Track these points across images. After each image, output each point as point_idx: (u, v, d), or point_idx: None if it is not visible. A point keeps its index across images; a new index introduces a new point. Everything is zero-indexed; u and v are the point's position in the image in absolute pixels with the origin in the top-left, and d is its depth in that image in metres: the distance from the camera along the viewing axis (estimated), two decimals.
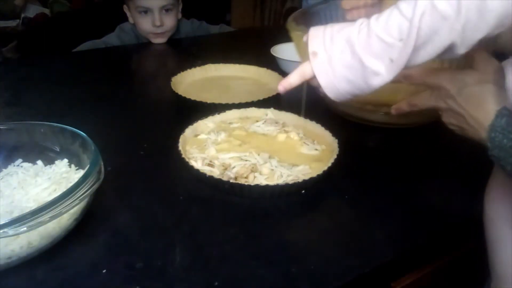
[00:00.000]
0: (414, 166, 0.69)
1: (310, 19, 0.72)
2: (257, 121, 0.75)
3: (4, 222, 0.41)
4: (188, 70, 0.95)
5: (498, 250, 0.51)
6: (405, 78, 0.54)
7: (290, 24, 0.67)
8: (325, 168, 0.60)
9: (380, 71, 0.43)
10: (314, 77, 0.47)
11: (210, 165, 0.62)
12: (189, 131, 0.69)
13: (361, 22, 0.43)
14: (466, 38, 0.39)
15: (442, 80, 0.51)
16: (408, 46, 0.40)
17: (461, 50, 0.40)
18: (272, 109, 0.77)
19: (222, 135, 0.70)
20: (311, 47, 0.47)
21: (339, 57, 0.44)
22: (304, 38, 0.48)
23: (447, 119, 0.53)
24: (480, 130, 0.47)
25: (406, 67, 0.42)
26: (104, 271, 0.47)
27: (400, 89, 0.64)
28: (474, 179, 0.64)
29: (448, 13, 0.38)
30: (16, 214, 0.48)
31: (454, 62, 0.58)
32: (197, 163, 0.63)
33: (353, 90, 0.46)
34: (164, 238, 0.52)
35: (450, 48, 0.40)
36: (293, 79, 0.50)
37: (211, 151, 0.66)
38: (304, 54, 0.49)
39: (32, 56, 1.72)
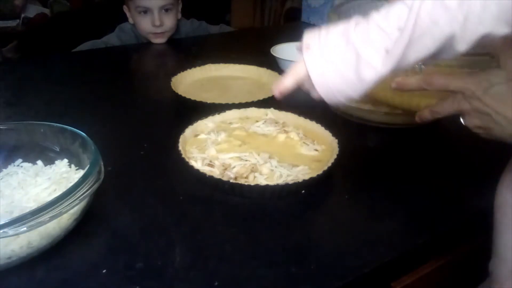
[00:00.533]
0: (414, 166, 0.69)
1: (350, 12, 0.71)
2: (257, 121, 0.75)
3: (4, 222, 0.41)
4: (188, 70, 0.95)
5: (502, 233, 0.52)
6: (428, 85, 0.53)
7: (332, 15, 0.65)
8: (325, 168, 0.60)
9: (374, 62, 0.42)
10: (308, 77, 0.45)
11: (210, 165, 0.62)
12: (189, 131, 0.69)
13: (359, 19, 0.43)
14: (467, 31, 0.38)
15: (466, 82, 0.50)
16: (405, 35, 0.39)
17: (461, 45, 0.39)
18: (272, 109, 0.77)
19: (222, 135, 0.70)
20: (305, 41, 0.45)
21: (333, 48, 0.43)
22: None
23: (470, 121, 0.51)
24: (508, 127, 0.47)
25: (401, 63, 0.41)
26: (104, 271, 0.47)
27: (427, 94, 0.63)
28: (474, 179, 0.64)
29: (450, 1, 0.37)
30: (16, 214, 0.48)
31: (476, 66, 0.57)
32: (197, 163, 0.63)
33: (343, 88, 0.44)
34: (164, 238, 0.52)
35: (449, 42, 0.39)
36: (287, 82, 0.48)
37: (211, 151, 0.66)
38: None
39: (32, 56, 1.72)
